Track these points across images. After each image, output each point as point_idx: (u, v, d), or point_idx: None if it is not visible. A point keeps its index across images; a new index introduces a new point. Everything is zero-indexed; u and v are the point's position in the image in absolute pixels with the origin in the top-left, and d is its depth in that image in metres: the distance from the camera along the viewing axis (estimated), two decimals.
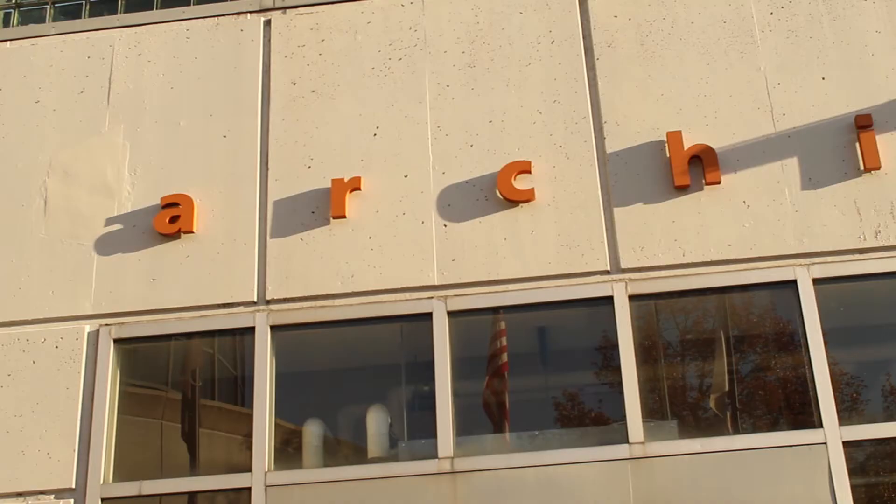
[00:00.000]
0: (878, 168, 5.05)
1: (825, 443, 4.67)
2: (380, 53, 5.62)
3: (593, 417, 5.12)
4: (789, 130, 5.18)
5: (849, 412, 4.86)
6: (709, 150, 5.11)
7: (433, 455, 4.83)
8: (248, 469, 4.91)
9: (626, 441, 4.75)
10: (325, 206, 5.30)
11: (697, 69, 5.36)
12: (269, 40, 5.74)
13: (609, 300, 4.98)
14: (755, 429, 4.94)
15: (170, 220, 5.30)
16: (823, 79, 5.29)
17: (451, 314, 5.04)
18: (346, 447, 5.25)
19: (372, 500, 4.80)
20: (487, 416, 5.00)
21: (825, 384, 4.75)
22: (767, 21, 5.44)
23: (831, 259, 4.97)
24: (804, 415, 4.83)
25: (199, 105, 5.63)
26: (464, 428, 4.91)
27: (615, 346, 4.91)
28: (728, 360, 5.02)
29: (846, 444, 4.67)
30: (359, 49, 5.66)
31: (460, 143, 5.35)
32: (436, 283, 5.10)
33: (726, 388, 4.97)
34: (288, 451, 5.10)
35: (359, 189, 5.28)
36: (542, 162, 5.24)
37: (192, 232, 5.30)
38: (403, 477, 4.84)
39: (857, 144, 5.10)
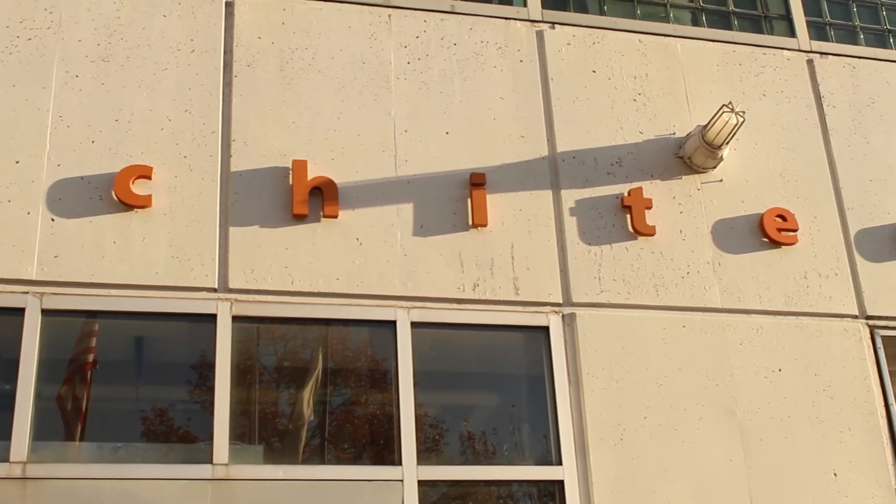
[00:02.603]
0: (485, 225, 6.06)
1: (402, 480, 5.48)
2: (8, 29, 5.84)
3: (181, 435, 5.55)
4: (409, 177, 6.09)
5: (428, 453, 5.71)
6: (331, 184, 5.87)
7: (5, 458, 5.04)
8: None
9: (210, 461, 5.26)
10: None
11: (332, 103, 6.13)
12: None
13: (212, 318, 5.50)
14: (339, 461, 5.65)
15: None
16: (447, 133, 6.25)
17: (45, 312, 5.33)
18: None
19: None
20: (62, 418, 5.27)
21: (409, 424, 5.56)
22: (404, 70, 6.36)
23: (431, 305, 5.87)
24: (387, 451, 5.64)
25: None
26: (43, 433, 5.18)
27: (212, 366, 5.42)
28: (321, 391, 5.74)
29: (422, 482, 5.48)
30: None
31: (81, 138, 5.68)
32: (33, 279, 5.36)
33: (316, 419, 5.70)
34: None
35: None
36: (165, 170, 5.71)
37: None
38: None
39: (469, 200, 6.09)
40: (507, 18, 6.71)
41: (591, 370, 5.90)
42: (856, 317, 6.57)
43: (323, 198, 5.84)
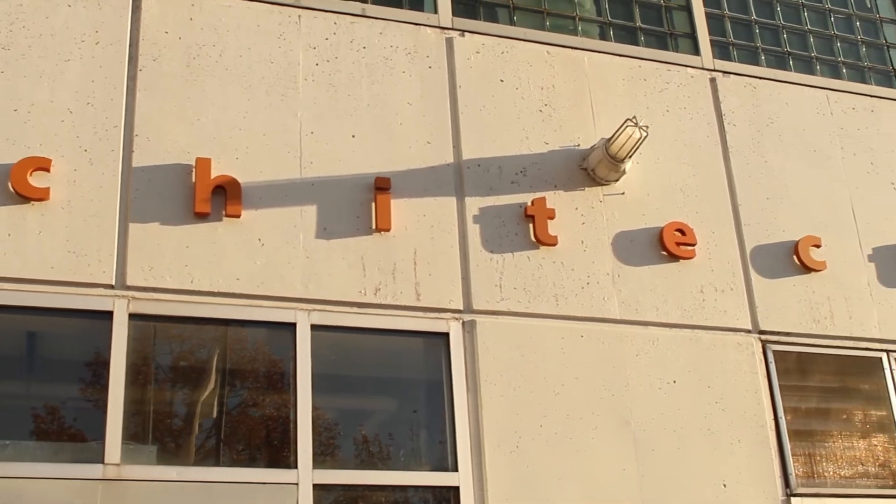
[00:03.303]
0: (389, 230, 6.09)
1: (297, 483, 5.48)
2: None
3: (72, 434, 5.46)
4: (314, 179, 6.09)
5: (324, 456, 5.71)
6: (234, 183, 5.84)
7: None
8: None
9: (102, 461, 5.19)
10: None
11: (238, 102, 6.11)
12: None
13: (108, 315, 5.44)
14: (234, 463, 5.61)
15: None
16: (354, 136, 6.27)
17: None
18: None
19: None
20: None
21: (306, 427, 5.56)
22: (312, 71, 6.36)
23: (332, 308, 5.88)
24: (283, 454, 5.63)
25: None
26: None
27: (107, 364, 5.35)
28: (218, 392, 5.72)
29: (317, 486, 5.48)
30: None
31: None
32: None
33: (212, 420, 5.67)
34: None
35: None
36: (64, 163, 5.63)
37: None
38: None
39: (374, 204, 6.12)
40: (417, 24, 6.75)
41: (489, 377, 5.97)
42: (749, 331, 6.75)
43: (226, 197, 5.81)
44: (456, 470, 5.78)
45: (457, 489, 5.75)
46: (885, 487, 6.78)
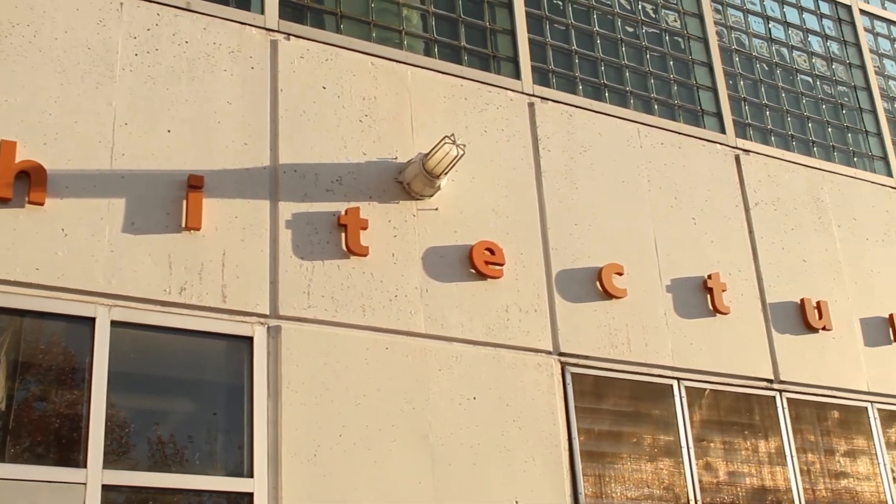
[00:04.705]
0: (199, 229, 6.02)
1: (85, 483, 5.35)
2: None
3: None
4: (125, 171, 5.96)
5: (116, 456, 5.58)
6: (40, 169, 5.67)
7: None
8: None
9: None
10: None
11: (50, 86, 5.93)
12: None
13: None
14: (20, 459, 5.42)
15: None
16: (169, 131, 6.18)
17: None
18: None
19: None
20: None
21: (99, 425, 5.43)
22: (131, 61, 6.24)
23: (134, 305, 5.78)
24: (73, 452, 5.48)
25: None
26: None
27: None
28: (7, 384, 5.53)
29: (106, 487, 5.36)
30: None
31: None
32: None
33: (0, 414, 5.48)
34: None
35: None
36: None
37: None
38: None
39: (185, 202, 6.04)
40: (243, 23, 6.71)
41: (291, 384, 5.96)
42: (550, 352, 6.95)
43: (30, 183, 5.65)
44: (251, 476, 5.75)
45: (251, 496, 5.72)
46: None
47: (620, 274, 7.42)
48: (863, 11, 10.61)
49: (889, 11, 10.92)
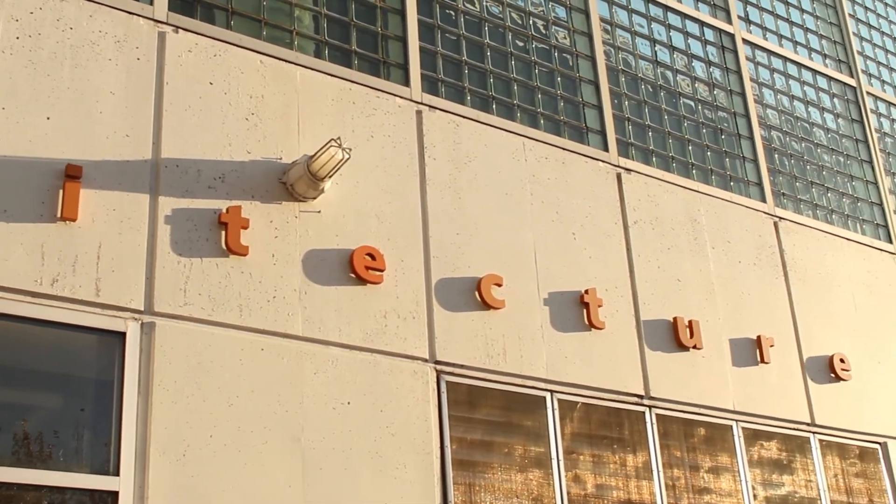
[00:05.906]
0: (74, 220, 5.90)
1: None
2: None
3: None
4: None
5: None
6: None
7: None
8: None
9: None
10: None
11: None
12: None
13: None
14: None
15: None
16: (48, 119, 6.05)
17: None
18: None
19: None
20: None
21: None
22: (11, 44, 6.09)
23: (3, 295, 5.60)
24: None
25: None
26: None
27: None
28: None
29: None
30: None
31: None
32: None
33: None
34: None
35: None
36: None
37: None
38: None
39: (61, 192, 5.92)
40: (130, 13, 6.61)
41: (163, 382, 5.89)
42: (426, 360, 6.99)
43: None
44: (118, 474, 5.67)
45: (116, 494, 5.64)
46: None
47: (499, 285, 7.51)
48: (745, 41, 10.93)
49: (770, 42, 11.27)
